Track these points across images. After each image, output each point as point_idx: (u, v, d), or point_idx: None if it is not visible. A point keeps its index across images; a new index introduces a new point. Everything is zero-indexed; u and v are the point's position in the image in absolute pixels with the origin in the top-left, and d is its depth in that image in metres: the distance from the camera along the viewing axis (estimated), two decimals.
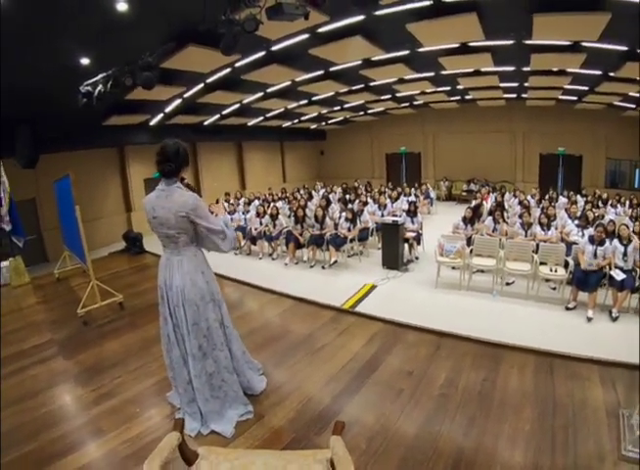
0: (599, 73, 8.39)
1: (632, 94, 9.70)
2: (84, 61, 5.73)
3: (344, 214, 8.38)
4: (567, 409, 3.31)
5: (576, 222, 7.16)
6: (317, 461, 1.85)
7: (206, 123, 12.72)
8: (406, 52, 7.50)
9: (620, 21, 5.15)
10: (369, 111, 15.42)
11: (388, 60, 7.95)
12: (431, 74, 9.56)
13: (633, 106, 11.47)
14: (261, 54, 6.79)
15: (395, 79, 9.94)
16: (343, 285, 6.77)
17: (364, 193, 12.36)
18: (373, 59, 7.88)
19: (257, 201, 11.31)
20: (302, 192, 13.39)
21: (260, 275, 7.38)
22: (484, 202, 10.61)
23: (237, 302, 6.31)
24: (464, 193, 16.13)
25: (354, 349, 4.46)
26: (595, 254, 5.63)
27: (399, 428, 3.13)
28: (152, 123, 10.91)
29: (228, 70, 7.36)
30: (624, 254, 5.52)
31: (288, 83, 9.25)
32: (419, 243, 8.33)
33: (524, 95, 12.44)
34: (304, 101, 11.82)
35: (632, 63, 6.90)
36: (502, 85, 10.88)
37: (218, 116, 11.89)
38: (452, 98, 13.57)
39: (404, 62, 8.16)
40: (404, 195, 11.87)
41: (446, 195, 16.86)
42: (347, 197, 11.42)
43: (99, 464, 2.82)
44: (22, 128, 7.61)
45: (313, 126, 18.19)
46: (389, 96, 12.53)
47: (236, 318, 4.52)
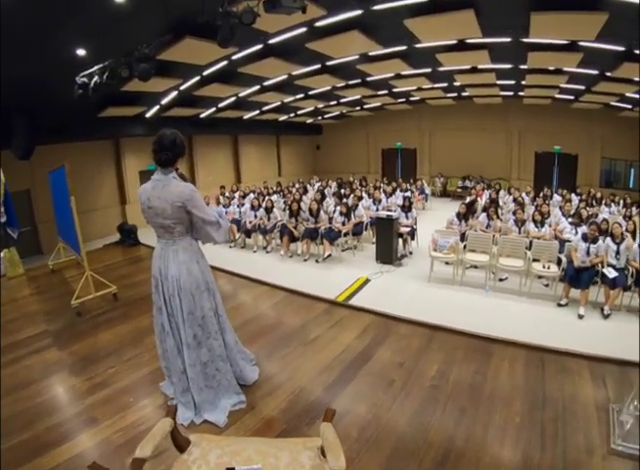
0: (596, 73, 8.43)
1: (629, 94, 9.75)
2: (81, 52, 5.70)
3: (339, 209, 8.40)
4: (557, 403, 3.34)
5: (570, 220, 7.20)
6: (307, 448, 1.88)
7: (203, 116, 12.69)
8: (403, 47, 7.50)
9: (618, 21, 5.18)
10: (365, 106, 15.43)
11: (385, 55, 7.96)
12: (427, 71, 9.57)
13: (630, 106, 11.53)
14: (258, 47, 6.78)
15: (392, 75, 9.95)
16: (337, 278, 6.80)
17: (359, 188, 12.39)
18: (370, 54, 7.88)
19: (253, 194, 11.30)
20: (298, 186, 13.38)
21: (255, 268, 7.38)
22: (479, 198, 10.65)
23: (231, 293, 6.31)
24: (459, 189, 16.18)
25: (347, 340, 4.48)
26: (588, 251, 5.69)
27: (391, 418, 3.17)
28: (148, 115, 10.87)
29: (225, 63, 7.35)
30: (617, 252, 5.60)
31: (284, 77, 9.23)
32: (413, 238, 8.39)
33: (520, 93, 12.45)
34: (301, 95, 11.80)
35: (629, 63, 6.93)
36: (499, 83, 10.91)
37: (214, 108, 11.86)
38: (449, 95, 13.59)
39: (401, 57, 8.17)
40: (400, 190, 11.90)
41: (441, 191, 16.90)
42: (342, 191, 11.44)
43: (93, 452, 2.83)
44: (18, 120, 7.56)
45: (309, 121, 18.17)
46: (386, 91, 12.54)
47: (229, 309, 4.52)
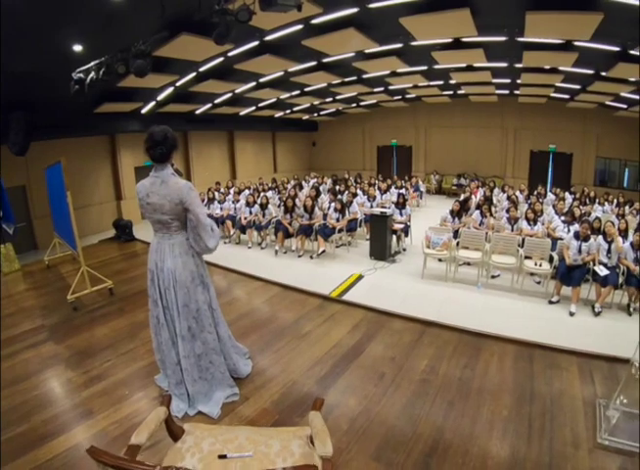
0: (591, 73, 8.46)
1: (624, 94, 9.81)
2: (77, 48, 5.69)
3: (334, 205, 8.43)
4: (544, 398, 3.40)
5: (562, 218, 7.25)
6: (297, 437, 1.94)
7: (198, 112, 12.64)
8: (399, 45, 7.50)
9: (613, 21, 5.21)
10: (361, 103, 15.40)
11: (381, 52, 7.96)
12: (423, 68, 9.58)
13: (625, 106, 11.59)
14: (254, 44, 6.77)
15: (388, 72, 9.95)
16: (331, 274, 6.84)
17: (354, 184, 12.44)
18: (366, 51, 7.89)
19: (248, 190, 11.33)
20: (292, 182, 13.41)
21: (249, 264, 7.43)
22: (473, 196, 10.71)
23: (225, 288, 6.37)
24: (454, 187, 16.21)
25: (339, 335, 4.55)
26: (580, 249, 5.73)
27: (381, 410, 3.23)
28: (144, 111, 10.83)
29: (221, 60, 7.34)
30: (608, 250, 5.64)
31: (280, 74, 9.22)
32: (407, 235, 8.44)
33: (516, 92, 12.48)
34: (297, 92, 11.78)
35: (624, 63, 6.97)
36: (494, 81, 10.93)
37: (210, 105, 11.82)
38: (444, 92, 13.57)
39: (397, 55, 8.18)
40: (395, 187, 11.95)
41: (436, 188, 16.90)
42: (337, 188, 11.47)
43: (89, 444, 2.83)
44: (14, 115, 7.54)
45: (305, 117, 18.13)
46: (382, 89, 12.53)
47: (224, 304, 4.59)
